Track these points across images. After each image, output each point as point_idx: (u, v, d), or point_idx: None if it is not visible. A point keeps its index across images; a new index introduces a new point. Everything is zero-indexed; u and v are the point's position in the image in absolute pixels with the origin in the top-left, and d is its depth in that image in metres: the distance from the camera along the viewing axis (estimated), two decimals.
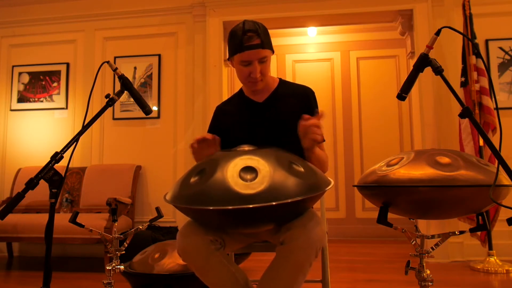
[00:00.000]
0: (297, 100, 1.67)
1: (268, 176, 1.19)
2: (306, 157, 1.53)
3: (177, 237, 1.40)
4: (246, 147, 1.41)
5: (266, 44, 1.56)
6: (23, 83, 4.29)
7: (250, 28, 1.53)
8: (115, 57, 4.16)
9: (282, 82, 1.75)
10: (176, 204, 1.25)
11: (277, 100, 1.69)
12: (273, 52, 1.64)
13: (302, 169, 1.26)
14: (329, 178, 1.38)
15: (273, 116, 1.66)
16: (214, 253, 1.34)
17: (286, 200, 1.14)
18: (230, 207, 1.14)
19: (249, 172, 1.22)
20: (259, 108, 1.70)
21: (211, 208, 1.16)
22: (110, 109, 4.02)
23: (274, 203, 1.13)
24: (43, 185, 1.38)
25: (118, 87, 2.33)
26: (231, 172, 1.22)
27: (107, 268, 1.76)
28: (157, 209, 1.89)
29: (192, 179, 1.28)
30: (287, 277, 1.29)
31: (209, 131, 1.80)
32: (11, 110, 4.29)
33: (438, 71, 1.37)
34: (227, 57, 1.65)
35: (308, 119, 1.43)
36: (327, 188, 1.28)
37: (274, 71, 5.11)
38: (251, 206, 1.12)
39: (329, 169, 1.63)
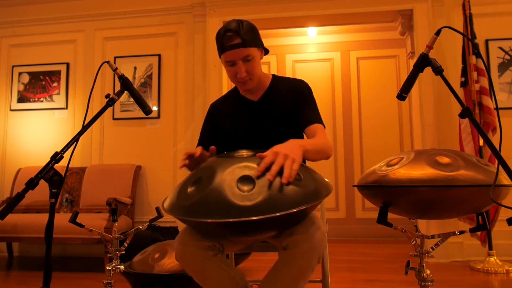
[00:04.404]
0: (291, 95, 1.65)
1: (266, 185, 1.17)
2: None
3: (175, 244, 1.39)
4: (244, 153, 1.37)
5: (249, 42, 1.52)
6: (23, 83, 4.29)
7: (230, 28, 1.51)
8: (115, 57, 4.16)
9: (276, 78, 1.73)
10: (173, 215, 1.24)
11: (272, 98, 1.67)
12: (262, 49, 1.61)
13: (301, 177, 1.25)
14: (329, 182, 1.37)
15: (269, 114, 1.65)
16: (212, 258, 1.34)
17: (283, 212, 1.12)
18: (229, 220, 1.12)
19: (247, 181, 1.19)
20: (254, 107, 1.69)
21: (209, 220, 1.15)
22: (110, 109, 4.02)
23: (273, 215, 1.10)
24: (43, 185, 1.38)
25: (118, 87, 2.33)
26: (228, 181, 1.19)
27: (107, 268, 1.76)
28: (157, 209, 1.89)
29: (189, 189, 1.26)
30: (289, 282, 1.29)
31: (204, 130, 1.78)
32: (11, 110, 4.29)
33: (438, 71, 1.37)
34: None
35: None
36: (327, 194, 1.27)
37: (274, 71, 5.12)
38: (253, 218, 1.10)
39: (330, 157, 1.53)
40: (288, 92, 1.67)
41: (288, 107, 1.65)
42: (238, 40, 1.50)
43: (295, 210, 1.13)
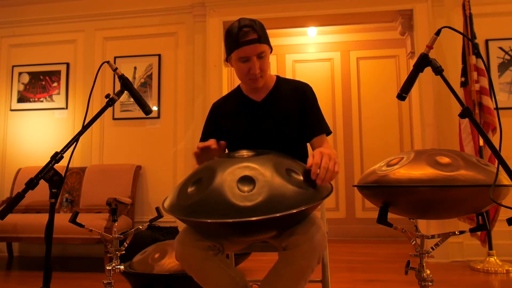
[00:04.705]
0: (295, 97, 1.66)
1: (266, 186, 1.17)
2: None
3: (175, 244, 1.39)
4: (245, 153, 1.37)
5: (263, 39, 1.53)
6: (23, 83, 4.29)
7: (245, 24, 1.51)
8: (115, 57, 4.16)
9: (280, 80, 1.74)
10: (174, 215, 1.24)
11: (276, 99, 1.68)
12: (271, 48, 1.62)
13: (301, 178, 1.24)
14: (329, 182, 1.37)
15: (272, 115, 1.65)
16: (213, 258, 1.34)
17: (283, 212, 1.12)
18: (229, 220, 1.12)
19: (247, 182, 1.19)
20: (258, 107, 1.68)
21: (208, 221, 1.15)
22: (110, 109, 4.02)
23: (273, 216, 1.11)
24: (43, 185, 1.38)
25: (118, 87, 2.33)
26: (229, 182, 1.20)
27: (107, 268, 1.76)
28: (157, 209, 1.89)
29: (189, 189, 1.26)
30: (289, 282, 1.29)
31: (205, 130, 1.78)
32: (11, 110, 4.29)
33: (438, 71, 1.37)
34: (225, 57, 1.62)
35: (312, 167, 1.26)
36: (327, 195, 1.27)
37: (274, 71, 5.11)
38: (252, 219, 1.10)
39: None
40: (292, 94, 1.67)
41: (291, 109, 1.65)
42: (255, 35, 1.50)
43: (294, 211, 1.13)
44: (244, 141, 1.65)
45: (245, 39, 1.50)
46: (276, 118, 1.65)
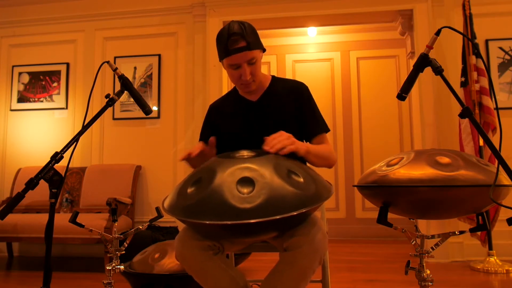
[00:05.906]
0: (290, 96, 1.66)
1: (266, 188, 1.16)
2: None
3: (175, 243, 1.39)
4: (245, 154, 1.37)
5: (253, 45, 1.52)
6: (23, 83, 4.29)
7: (234, 31, 1.49)
8: (115, 57, 4.16)
9: (275, 80, 1.74)
10: (173, 215, 1.24)
11: (271, 98, 1.68)
12: (263, 50, 1.61)
13: (301, 179, 1.23)
14: (330, 184, 1.37)
15: (267, 114, 1.66)
16: (213, 258, 1.34)
17: (283, 215, 1.11)
18: (228, 222, 1.12)
19: (247, 183, 1.18)
20: (253, 107, 1.69)
21: (207, 222, 1.14)
22: (110, 109, 4.02)
23: (272, 218, 1.10)
24: (43, 185, 1.38)
25: (118, 87, 2.33)
26: (228, 183, 1.19)
27: (107, 268, 1.76)
28: (157, 209, 1.89)
29: (189, 190, 1.25)
30: (290, 283, 1.29)
31: (203, 131, 1.78)
32: (11, 110, 4.29)
33: (438, 71, 1.37)
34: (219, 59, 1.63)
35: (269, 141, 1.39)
36: (327, 197, 1.26)
37: (274, 71, 5.12)
38: (250, 221, 1.10)
39: (333, 166, 1.64)
40: (287, 93, 1.67)
41: (286, 108, 1.65)
42: (244, 43, 1.49)
43: (294, 213, 1.13)
44: (240, 142, 1.65)
45: (234, 47, 1.49)
46: (272, 117, 1.65)
